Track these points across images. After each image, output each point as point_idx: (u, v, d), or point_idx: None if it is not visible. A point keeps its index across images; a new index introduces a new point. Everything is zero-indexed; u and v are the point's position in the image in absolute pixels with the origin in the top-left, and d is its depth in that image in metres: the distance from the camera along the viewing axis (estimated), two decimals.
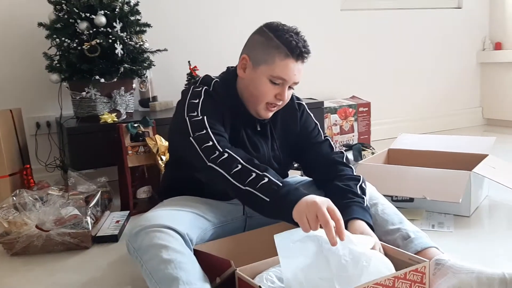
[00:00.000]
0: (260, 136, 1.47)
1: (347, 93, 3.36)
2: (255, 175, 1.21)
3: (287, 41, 1.33)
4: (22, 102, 2.52)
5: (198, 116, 1.33)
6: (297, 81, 1.38)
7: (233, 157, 1.25)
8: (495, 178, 1.85)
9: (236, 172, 1.22)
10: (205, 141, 1.28)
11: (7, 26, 2.50)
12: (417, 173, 1.93)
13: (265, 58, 1.35)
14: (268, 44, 1.35)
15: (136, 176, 2.12)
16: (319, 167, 1.48)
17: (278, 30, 1.36)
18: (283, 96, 1.37)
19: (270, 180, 1.19)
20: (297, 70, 1.35)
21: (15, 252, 1.69)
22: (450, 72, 3.79)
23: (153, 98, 2.72)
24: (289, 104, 1.50)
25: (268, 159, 1.46)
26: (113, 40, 2.20)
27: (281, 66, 1.33)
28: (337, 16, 3.33)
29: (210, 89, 1.40)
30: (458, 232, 1.72)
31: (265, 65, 1.35)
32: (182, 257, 1.17)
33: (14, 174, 2.22)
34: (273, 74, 1.34)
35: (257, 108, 1.40)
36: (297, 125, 1.53)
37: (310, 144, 1.52)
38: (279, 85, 1.36)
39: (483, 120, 3.98)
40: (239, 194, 1.23)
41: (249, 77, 1.39)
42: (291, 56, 1.33)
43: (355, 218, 1.27)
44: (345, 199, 1.33)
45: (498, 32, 3.83)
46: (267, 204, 1.18)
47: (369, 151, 2.45)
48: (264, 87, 1.36)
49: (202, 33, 2.88)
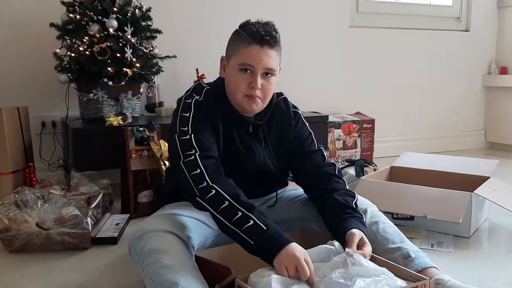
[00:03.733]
0: (254, 138, 1.48)
1: (352, 109, 3.37)
2: (241, 215, 1.21)
3: (250, 31, 1.37)
4: (29, 101, 2.54)
5: (186, 135, 1.35)
6: (268, 66, 1.38)
7: (220, 194, 1.25)
8: (496, 201, 1.85)
9: (223, 210, 1.23)
10: (193, 168, 1.29)
11: (19, 25, 2.53)
12: (418, 191, 1.93)
13: (233, 51, 1.40)
14: (236, 38, 1.40)
15: (139, 180, 2.13)
16: (309, 176, 1.49)
17: (246, 24, 1.41)
18: (255, 83, 1.37)
19: (255, 223, 1.20)
20: (264, 55, 1.36)
21: (13, 249, 1.69)
22: (455, 94, 3.80)
23: (160, 104, 2.74)
24: (285, 111, 1.53)
25: (263, 161, 1.48)
26: (123, 44, 2.22)
27: (245, 53, 1.37)
28: (345, 32, 3.35)
29: (201, 98, 1.42)
30: (457, 252, 1.72)
31: (233, 57, 1.40)
32: (183, 263, 1.18)
33: (17, 171, 2.22)
34: (239, 62, 1.37)
35: (238, 103, 1.41)
36: (291, 132, 1.53)
37: (302, 152, 1.52)
38: (250, 73, 1.38)
39: (485, 143, 3.99)
40: (225, 230, 1.24)
41: (227, 75, 1.43)
42: (254, 41, 1.36)
43: (355, 228, 1.27)
44: (345, 214, 1.34)
45: (504, 57, 3.85)
46: (251, 246, 1.19)
47: (371, 168, 2.45)
48: (236, 77, 1.39)
49: (212, 42, 2.90)
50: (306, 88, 3.19)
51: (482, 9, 3.79)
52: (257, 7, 3.03)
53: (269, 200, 1.59)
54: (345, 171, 2.41)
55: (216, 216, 1.24)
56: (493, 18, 3.85)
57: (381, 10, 3.51)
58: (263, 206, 1.58)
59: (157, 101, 2.74)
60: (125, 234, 1.89)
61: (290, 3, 3.15)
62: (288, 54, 3.10)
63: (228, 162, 1.41)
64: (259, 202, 1.58)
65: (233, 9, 2.98)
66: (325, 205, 1.40)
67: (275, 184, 1.57)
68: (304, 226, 1.50)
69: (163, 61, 2.48)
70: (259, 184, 1.52)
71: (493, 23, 3.86)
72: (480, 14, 3.79)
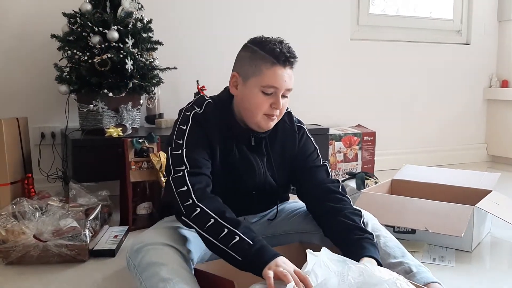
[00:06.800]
0: (255, 153, 1.46)
1: (353, 122, 3.37)
2: (227, 231, 1.20)
3: (271, 50, 1.35)
4: (29, 111, 2.54)
5: (179, 149, 1.34)
6: (289, 87, 1.38)
7: (206, 212, 1.23)
8: (498, 214, 1.83)
9: (209, 227, 1.21)
10: (181, 185, 1.28)
11: (19, 36, 2.53)
12: (420, 205, 1.92)
13: (253, 70, 1.36)
14: (254, 57, 1.36)
15: (138, 191, 2.11)
16: (313, 192, 1.46)
17: (262, 42, 1.38)
18: (278, 104, 1.36)
19: (241, 239, 1.18)
20: (287, 76, 1.36)
21: (10, 261, 1.67)
22: (456, 107, 3.80)
23: (160, 115, 2.74)
24: (289, 126, 1.51)
25: (264, 177, 1.46)
26: (124, 55, 2.22)
27: (269, 75, 1.34)
28: (346, 45, 3.36)
29: (201, 110, 1.40)
30: (459, 267, 1.70)
31: (254, 77, 1.36)
32: (182, 276, 1.16)
33: (15, 182, 2.21)
34: (263, 84, 1.35)
35: (256, 121, 1.39)
36: (295, 147, 1.52)
37: (306, 167, 1.50)
38: (272, 95, 1.36)
39: (487, 157, 3.97)
40: (213, 248, 1.23)
41: (242, 93, 1.40)
42: (277, 63, 1.34)
43: (368, 256, 1.24)
44: (355, 235, 1.31)
45: (505, 70, 3.85)
46: (239, 261, 1.18)
47: (372, 181, 2.44)
48: (257, 99, 1.36)
49: (212, 54, 2.91)
50: (307, 101, 3.18)
51: (482, 23, 3.81)
52: (258, 20, 3.04)
53: (269, 213, 1.58)
54: (346, 184, 2.39)
55: (202, 235, 1.22)
56: (494, 31, 3.87)
57: (382, 23, 3.52)
58: (263, 220, 1.57)
59: (157, 113, 2.73)
60: (123, 246, 1.87)
61: (291, 16, 3.16)
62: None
63: (227, 177, 1.40)
64: (258, 217, 1.57)
65: (234, 22, 2.99)
66: (332, 225, 1.37)
67: (276, 199, 1.55)
68: (304, 239, 1.49)
69: (163, 73, 2.48)
70: (259, 200, 1.50)
71: (493, 36, 3.87)
72: (481, 27, 3.81)
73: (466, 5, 3.79)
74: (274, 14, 3.10)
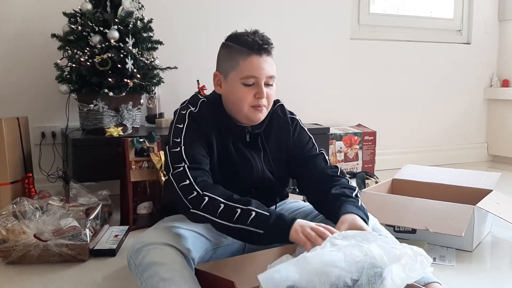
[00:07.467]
0: (251, 149, 1.46)
1: (353, 121, 3.37)
2: (241, 211, 1.21)
3: (244, 41, 1.36)
4: (30, 111, 2.54)
5: (177, 147, 1.34)
6: (270, 74, 1.37)
7: (214, 199, 1.24)
8: (498, 214, 1.83)
9: (221, 212, 1.22)
10: (182, 179, 1.28)
11: (20, 35, 2.54)
12: (420, 204, 1.91)
13: (231, 65, 1.38)
14: (231, 52, 1.39)
15: (138, 191, 2.11)
16: (313, 181, 1.45)
17: (236, 36, 1.40)
18: (262, 93, 1.36)
19: (257, 213, 1.19)
20: (264, 63, 1.36)
21: (11, 260, 1.67)
22: (457, 107, 3.80)
23: (160, 115, 2.74)
24: (282, 118, 1.51)
25: (262, 172, 1.46)
26: (124, 55, 2.22)
27: (246, 66, 1.35)
28: (347, 44, 3.36)
29: (196, 109, 1.41)
30: (459, 266, 1.69)
31: (233, 71, 1.37)
32: (182, 276, 1.16)
33: (15, 182, 2.21)
34: (242, 76, 1.36)
35: (244, 114, 1.39)
36: (290, 138, 1.51)
37: (304, 157, 1.50)
38: (254, 85, 1.36)
39: (488, 156, 3.97)
40: (229, 232, 1.23)
41: (225, 90, 1.41)
42: (252, 52, 1.35)
43: (347, 213, 1.23)
44: (338, 202, 1.30)
45: (505, 70, 3.85)
46: (261, 235, 1.18)
47: (372, 180, 2.44)
48: (240, 92, 1.37)
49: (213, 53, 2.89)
50: (307, 100, 3.19)
51: (483, 22, 3.80)
52: (257, 19, 3.03)
53: None
54: None
55: (216, 222, 1.22)
56: (494, 31, 3.86)
57: (382, 23, 3.52)
58: None
59: (158, 112, 2.73)
60: (124, 246, 1.87)
61: (292, 16, 3.15)
62: (290, 66, 3.14)
63: (225, 175, 1.40)
64: None
65: (234, 21, 2.98)
66: (323, 204, 1.39)
67: (275, 195, 1.55)
68: None
69: (164, 72, 2.48)
70: (258, 197, 1.50)
71: (494, 36, 3.87)
72: (481, 27, 3.80)
73: (466, 5, 3.79)
74: (274, 14, 3.09)
